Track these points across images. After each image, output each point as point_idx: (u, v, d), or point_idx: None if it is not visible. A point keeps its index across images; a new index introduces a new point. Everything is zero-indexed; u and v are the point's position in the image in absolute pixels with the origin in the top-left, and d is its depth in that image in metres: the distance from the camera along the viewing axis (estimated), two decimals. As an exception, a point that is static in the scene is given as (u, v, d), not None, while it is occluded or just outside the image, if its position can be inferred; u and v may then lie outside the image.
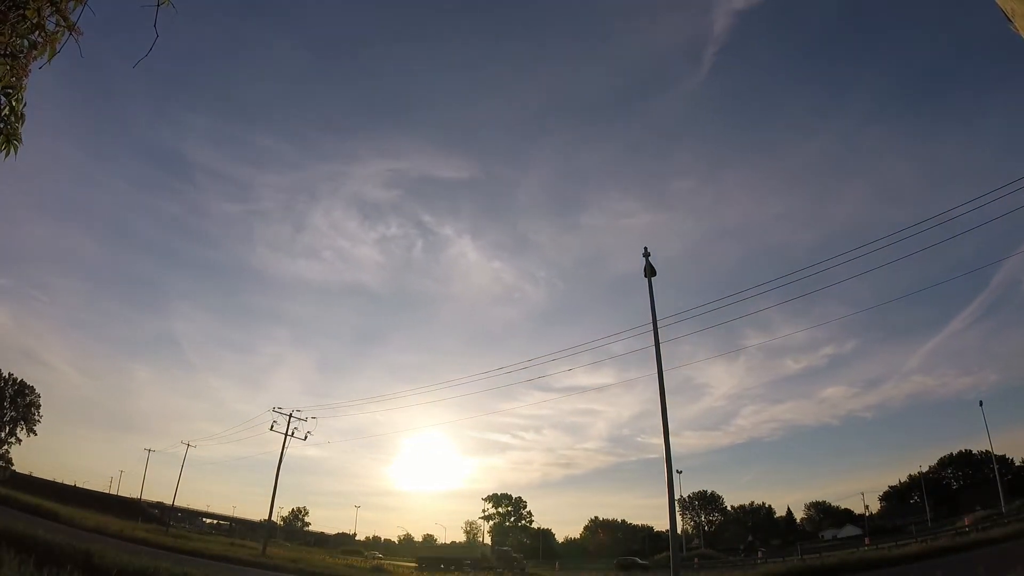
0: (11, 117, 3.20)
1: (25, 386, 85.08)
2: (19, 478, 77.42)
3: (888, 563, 28.26)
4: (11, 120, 3.19)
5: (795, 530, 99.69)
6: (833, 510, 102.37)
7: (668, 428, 20.13)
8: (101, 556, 17.92)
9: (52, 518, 37.35)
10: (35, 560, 13.65)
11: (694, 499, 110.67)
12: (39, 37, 3.14)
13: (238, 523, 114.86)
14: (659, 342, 21.32)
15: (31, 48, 3.15)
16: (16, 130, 3.20)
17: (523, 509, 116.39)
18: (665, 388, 20.83)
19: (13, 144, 3.20)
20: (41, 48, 3.16)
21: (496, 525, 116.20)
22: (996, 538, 31.11)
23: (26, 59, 3.14)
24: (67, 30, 3.21)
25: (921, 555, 29.24)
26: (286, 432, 48.42)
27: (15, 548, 14.60)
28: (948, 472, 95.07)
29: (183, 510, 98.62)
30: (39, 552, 15.56)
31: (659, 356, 21.17)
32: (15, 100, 3.18)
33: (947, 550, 29.86)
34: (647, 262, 22.16)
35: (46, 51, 3.15)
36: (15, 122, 3.19)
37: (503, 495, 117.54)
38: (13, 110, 3.20)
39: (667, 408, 20.52)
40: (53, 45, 3.16)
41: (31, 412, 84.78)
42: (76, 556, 17.29)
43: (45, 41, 3.15)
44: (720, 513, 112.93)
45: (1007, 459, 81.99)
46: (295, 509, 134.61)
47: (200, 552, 35.43)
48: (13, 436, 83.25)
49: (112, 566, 16.96)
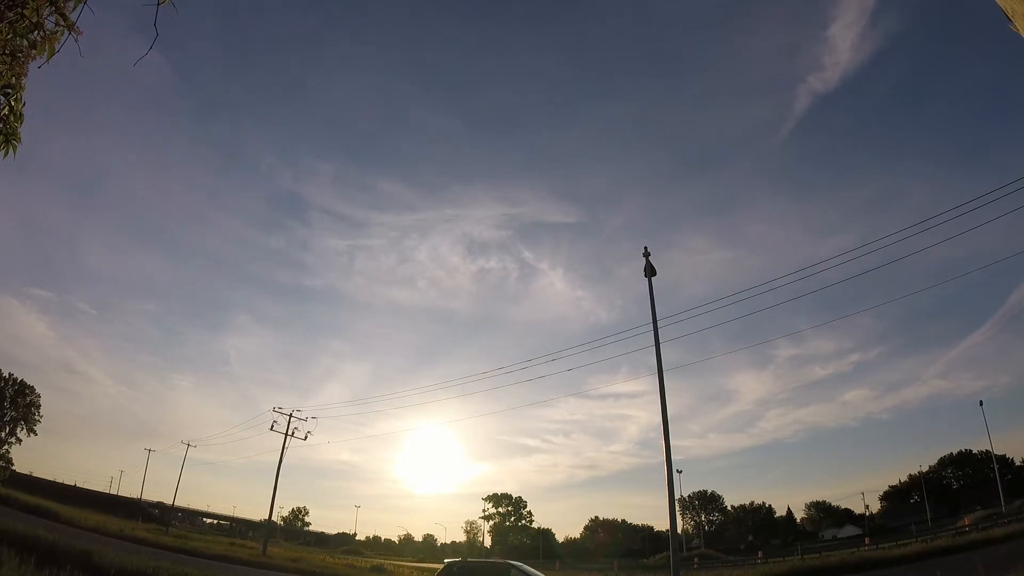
0: (10, 117, 3.19)
1: (25, 386, 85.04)
2: (19, 478, 77.46)
3: (888, 563, 28.25)
4: (10, 120, 3.19)
5: (795, 530, 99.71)
6: (833, 510, 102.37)
7: (668, 428, 20.13)
8: (101, 556, 17.91)
9: (52, 518, 37.37)
10: (35, 560, 13.66)
11: (694, 499, 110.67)
12: (38, 36, 3.14)
13: (238, 523, 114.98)
14: (659, 342, 21.32)
15: (30, 47, 3.14)
16: (15, 130, 3.20)
17: (523, 509, 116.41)
18: (665, 387, 20.83)
19: (12, 144, 3.19)
20: (40, 47, 3.16)
21: (496, 525, 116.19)
22: (996, 538, 31.08)
23: (25, 58, 3.14)
24: (67, 29, 3.20)
25: (921, 555, 29.20)
26: (286, 432, 48.45)
27: (15, 548, 14.60)
28: (948, 472, 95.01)
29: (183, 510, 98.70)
30: (39, 552, 15.57)
31: (659, 356, 21.16)
32: (14, 100, 3.18)
33: (947, 550, 29.85)
34: (647, 262, 22.13)
35: (45, 50, 3.15)
36: (14, 122, 3.19)
37: (503, 495, 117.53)
38: (12, 110, 3.20)
39: (667, 408, 20.54)
40: (52, 44, 3.16)
41: (31, 412, 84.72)
42: (76, 556, 17.29)
43: (44, 40, 3.15)
44: (720, 513, 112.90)
45: (1007, 459, 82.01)
46: (295, 509, 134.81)
47: (200, 552, 35.42)
48: (13, 436, 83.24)
49: (112, 566, 16.95)
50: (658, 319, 21.50)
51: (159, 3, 3.35)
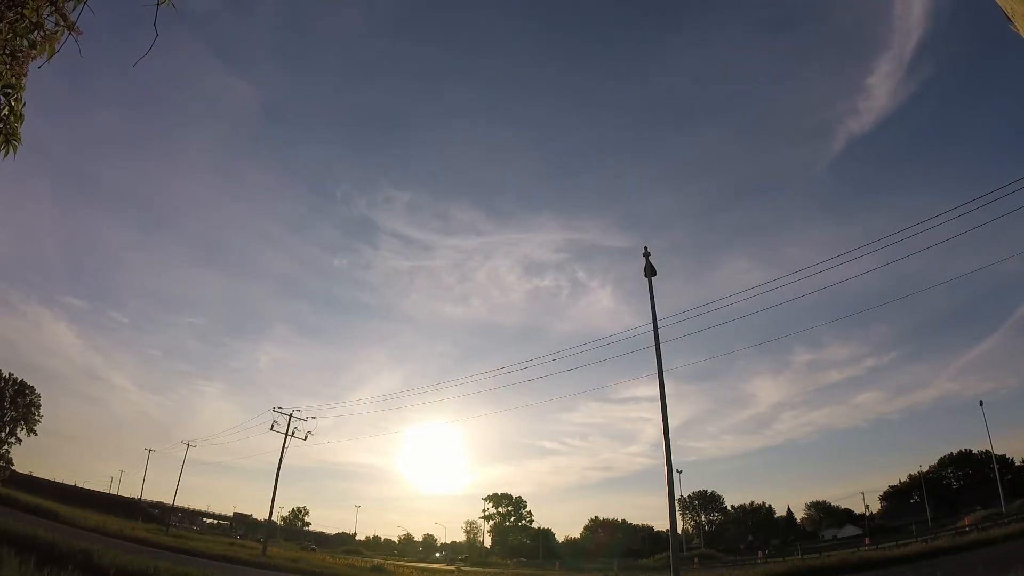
0: (10, 117, 3.19)
1: (25, 386, 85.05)
2: (19, 478, 77.49)
3: (888, 563, 28.25)
4: (10, 120, 3.19)
5: (795, 530, 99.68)
6: (833, 510, 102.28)
7: (668, 428, 20.11)
8: (101, 556, 17.90)
9: (52, 518, 37.37)
10: (35, 560, 13.64)
11: (694, 499, 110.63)
12: (38, 36, 3.14)
13: (239, 523, 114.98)
14: (659, 342, 21.31)
15: (30, 47, 3.14)
16: (15, 130, 3.20)
17: (523, 509, 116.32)
18: (665, 387, 20.83)
19: (12, 144, 3.19)
20: (40, 47, 3.16)
21: (496, 525, 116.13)
22: (996, 538, 31.09)
23: (25, 58, 3.14)
24: (67, 29, 3.20)
25: (921, 555, 29.20)
26: (286, 432, 48.41)
27: (15, 548, 14.60)
28: (948, 472, 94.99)
29: (183, 510, 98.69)
30: (39, 552, 15.57)
31: (659, 355, 21.14)
32: (14, 100, 3.18)
33: (947, 550, 29.85)
34: (647, 262, 22.12)
35: (45, 50, 3.15)
36: (14, 122, 3.19)
37: (503, 495, 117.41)
38: (12, 110, 3.20)
39: (667, 408, 20.54)
40: (52, 44, 3.16)
41: (31, 412, 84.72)
42: (76, 556, 17.29)
43: (44, 40, 3.14)
44: (720, 513, 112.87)
45: (1007, 459, 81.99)
46: (295, 509, 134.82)
47: (200, 552, 35.41)
48: (13, 436, 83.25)
49: (112, 566, 16.94)
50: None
51: (159, 3, 3.35)
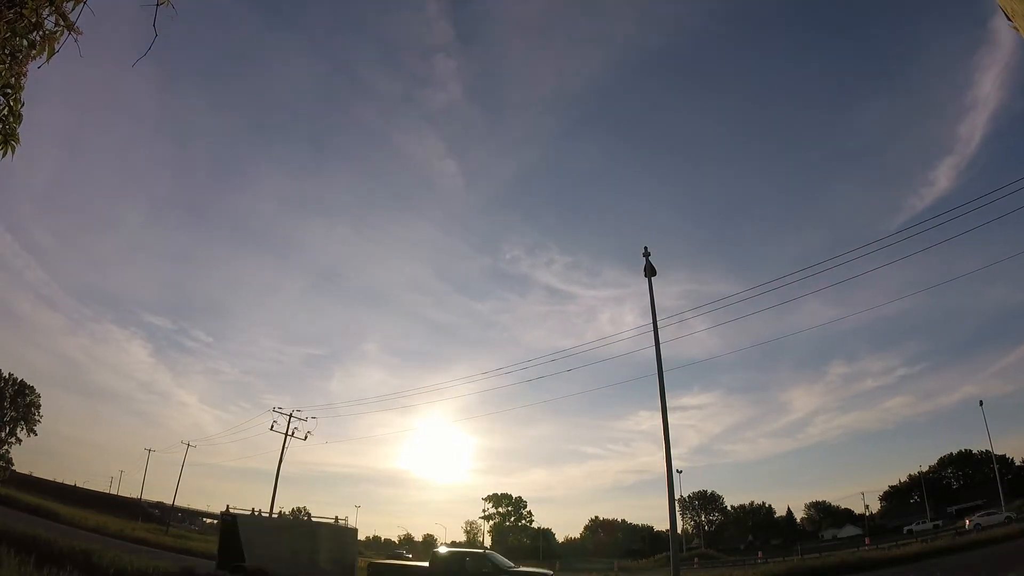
0: (9, 117, 3.18)
1: (25, 386, 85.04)
2: (19, 478, 77.44)
3: (888, 563, 28.25)
4: (9, 120, 3.18)
5: (795, 530, 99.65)
6: (833, 510, 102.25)
7: (668, 428, 20.14)
8: (101, 556, 17.92)
9: (52, 518, 37.38)
10: (35, 560, 13.65)
11: (694, 499, 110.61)
12: (38, 36, 3.13)
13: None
14: (659, 342, 21.32)
15: (30, 47, 3.14)
16: (14, 130, 3.19)
17: (523, 509, 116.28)
18: (665, 387, 20.85)
19: (11, 144, 3.18)
20: (40, 48, 3.15)
21: (496, 525, 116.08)
22: (996, 538, 31.11)
23: (25, 58, 3.13)
24: (66, 29, 3.20)
25: (921, 555, 29.22)
26: (286, 432, 48.39)
27: (15, 548, 14.59)
28: (948, 472, 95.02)
29: (183, 510, 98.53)
30: (39, 552, 15.56)
31: (659, 355, 21.16)
32: (13, 100, 3.17)
33: (947, 550, 29.86)
34: (647, 261, 22.12)
35: (45, 51, 3.14)
36: (13, 122, 3.18)
37: (503, 495, 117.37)
38: (12, 110, 3.19)
39: (667, 408, 20.56)
40: (52, 45, 3.15)
41: (31, 412, 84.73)
42: (76, 556, 17.29)
43: (44, 41, 3.14)
44: (720, 513, 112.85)
45: (1007, 459, 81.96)
46: (296, 509, 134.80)
47: (200, 552, 35.39)
48: (13, 436, 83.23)
49: (111, 566, 16.95)
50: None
51: (159, 3, 3.34)
